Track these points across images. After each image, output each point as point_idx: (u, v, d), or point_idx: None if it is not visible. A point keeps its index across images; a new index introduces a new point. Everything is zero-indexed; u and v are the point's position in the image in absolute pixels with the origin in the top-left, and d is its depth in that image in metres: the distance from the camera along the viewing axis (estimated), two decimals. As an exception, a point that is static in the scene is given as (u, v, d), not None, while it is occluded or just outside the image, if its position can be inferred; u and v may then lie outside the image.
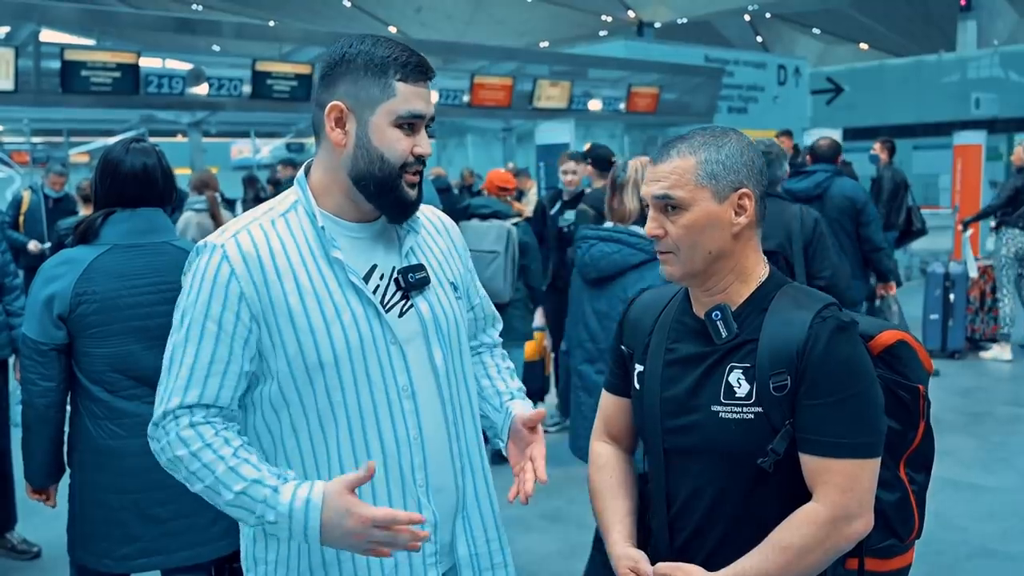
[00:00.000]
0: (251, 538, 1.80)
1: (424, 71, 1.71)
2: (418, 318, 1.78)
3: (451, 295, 1.86)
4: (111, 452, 2.69)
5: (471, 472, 1.86)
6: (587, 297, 3.41)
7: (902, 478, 1.78)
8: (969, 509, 4.96)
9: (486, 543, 1.88)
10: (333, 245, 1.72)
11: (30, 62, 11.69)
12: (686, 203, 1.70)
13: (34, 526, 4.63)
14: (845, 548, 1.67)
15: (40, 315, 2.66)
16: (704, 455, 1.72)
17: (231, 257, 1.67)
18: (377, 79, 1.68)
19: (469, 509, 1.85)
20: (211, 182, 7.02)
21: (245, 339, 1.68)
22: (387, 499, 1.72)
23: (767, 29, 36.82)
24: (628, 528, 1.85)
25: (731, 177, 1.70)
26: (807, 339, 1.63)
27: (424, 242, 1.87)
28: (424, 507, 1.75)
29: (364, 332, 1.70)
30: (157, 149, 2.86)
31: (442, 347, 1.80)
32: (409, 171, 1.72)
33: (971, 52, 25.87)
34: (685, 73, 19.40)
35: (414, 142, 1.72)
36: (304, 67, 13.86)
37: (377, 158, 1.69)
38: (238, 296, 1.67)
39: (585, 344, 3.44)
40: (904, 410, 1.75)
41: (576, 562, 4.40)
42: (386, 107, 1.68)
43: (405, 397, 1.74)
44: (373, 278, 1.75)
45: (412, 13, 32.51)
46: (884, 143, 9.40)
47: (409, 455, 1.74)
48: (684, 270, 1.74)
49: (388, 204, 1.74)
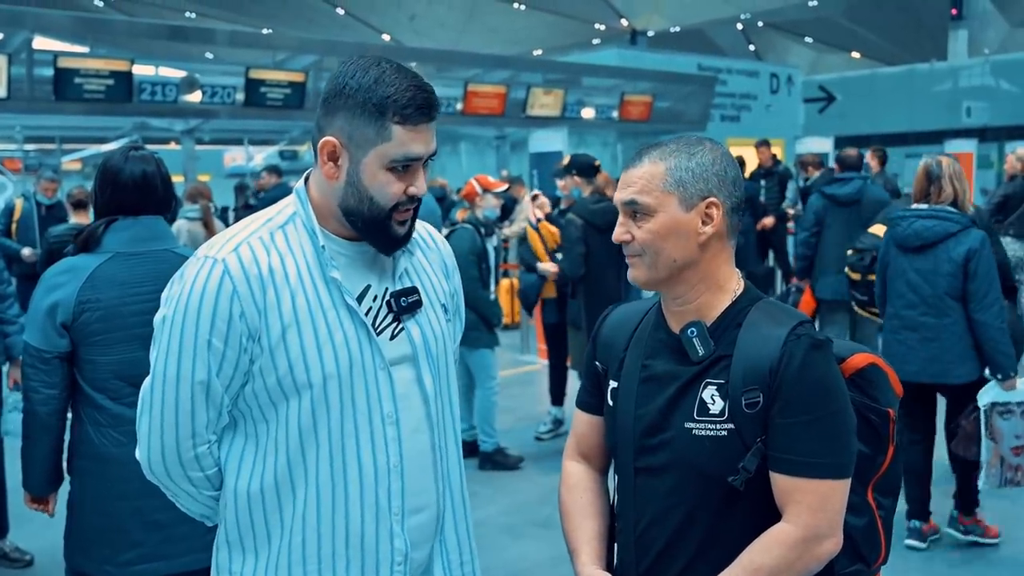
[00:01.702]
0: (225, 547, 1.77)
1: (425, 112, 1.65)
2: (409, 342, 1.77)
3: (441, 317, 1.85)
4: (113, 459, 2.68)
5: (450, 494, 1.85)
6: (907, 261, 4.47)
7: (870, 503, 1.76)
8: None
9: (460, 565, 1.87)
10: (332, 265, 1.70)
11: (23, 69, 11.66)
12: (651, 209, 1.68)
13: (26, 534, 4.62)
14: (815, 569, 1.65)
15: (43, 323, 2.66)
16: (675, 474, 1.69)
17: (233, 273, 1.65)
18: (373, 120, 1.62)
19: (446, 532, 1.85)
20: (205, 191, 7.06)
21: (237, 356, 1.66)
22: (359, 525, 1.71)
23: (760, 38, 36.92)
24: (596, 550, 1.83)
25: (699, 185, 1.68)
26: (781, 357, 1.61)
27: (418, 264, 1.85)
28: (396, 536, 1.73)
29: (354, 354, 1.69)
30: (156, 157, 2.87)
31: (431, 370, 1.79)
32: (400, 210, 1.69)
33: (962, 61, 25.95)
34: (678, 81, 19.42)
35: (408, 183, 1.67)
36: (298, 75, 13.84)
37: (367, 199, 1.66)
38: (239, 315, 1.64)
39: (906, 295, 4.47)
40: (874, 434, 1.73)
41: (567, 569, 4.41)
42: (380, 150, 1.64)
43: (389, 424, 1.72)
44: (366, 299, 1.74)
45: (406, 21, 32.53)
46: (875, 152, 9.45)
47: (387, 483, 1.72)
48: (649, 276, 1.72)
49: (376, 240, 1.72)
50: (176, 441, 1.71)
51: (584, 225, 5.91)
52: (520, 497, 5.47)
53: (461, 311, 2.01)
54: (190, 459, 1.72)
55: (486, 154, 19.58)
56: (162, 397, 1.70)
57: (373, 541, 1.71)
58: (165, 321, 1.69)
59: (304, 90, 13.72)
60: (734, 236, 1.75)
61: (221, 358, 1.65)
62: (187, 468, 1.74)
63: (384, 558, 1.72)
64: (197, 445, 1.72)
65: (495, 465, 5.94)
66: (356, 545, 1.71)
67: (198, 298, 1.65)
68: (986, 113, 22.93)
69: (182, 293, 1.67)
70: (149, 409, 1.72)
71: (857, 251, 5.60)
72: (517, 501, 5.35)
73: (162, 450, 1.72)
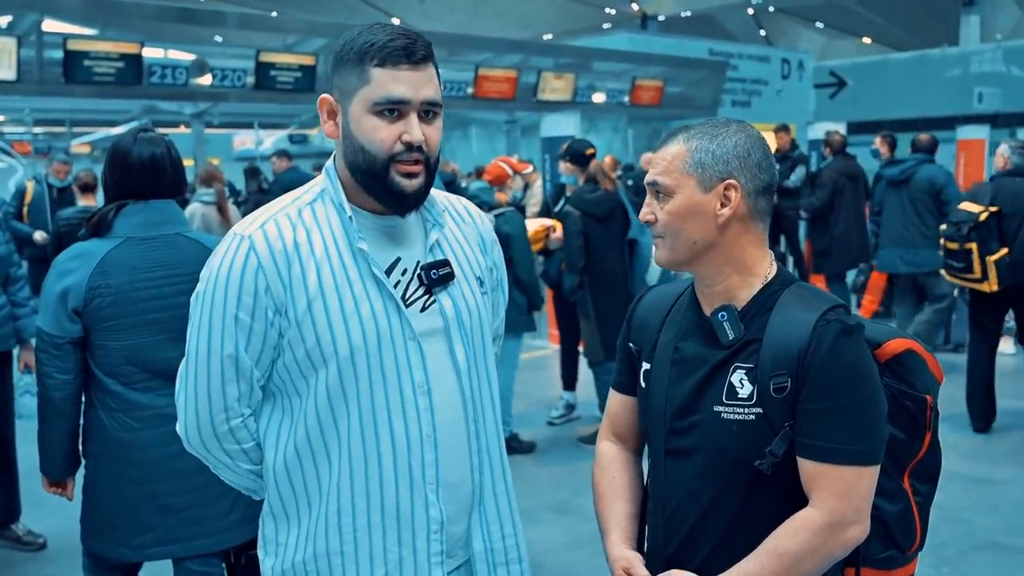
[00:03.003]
0: (270, 519, 1.81)
1: (407, 53, 1.63)
2: (440, 314, 1.76)
3: (476, 290, 1.83)
4: (126, 444, 2.69)
5: (489, 468, 1.84)
6: None
7: (905, 489, 1.74)
8: (973, 502, 4.97)
9: (502, 539, 1.87)
10: (359, 236, 1.70)
11: (32, 52, 11.64)
12: (671, 190, 1.70)
13: (39, 517, 4.64)
14: (840, 556, 1.65)
15: (55, 309, 2.65)
16: (703, 457, 1.69)
17: (258, 249, 1.67)
18: (355, 67, 1.64)
19: (486, 504, 1.84)
20: (218, 175, 7.06)
21: (264, 330, 1.68)
22: (394, 495, 1.72)
23: (770, 23, 36.73)
24: (627, 530, 1.84)
25: (719, 167, 1.68)
26: (810, 341, 1.60)
27: (451, 236, 1.84)
28: (431, 505, 1.74)
29: (382, 326, 1.69)
30: (167, 139, 2.85)
31: (464, 343, 1.78)
32: (402, 161, 1.66)
33: (974, 46, 25.79)
34: (689, 66, 19.34)
35: (401, 129, 1.65)
36: (308, 58, 13.80)
37: (359, 149, 1.66)
38: (264, 289, 1.66)
39: None
40: (910, 420, 1.71)
41: (583, 553, 4.41)
42: (361, 94, 1.64)
43: (420, 394, 1.72)
44: (395, 272, 1.74)
45: (416, 5, 32.44)
46: (885, 138, 9.37)
47: (420, 452, 1.72)
48: (670, 256, 1.74)
49: (381, 195, 1.69)
50: (210, 415, 1.75)
51: (582, 216, 5.87)
52: (533, 482, 5.47)
53: (503, 286, 2.00)
54: (224, 432, 1.76)
55: (496, 138, 19.52)
56: (196, 371, 1.74)
57: (409, 510, 1.72)
58: (197, 297, 1.74)
59: (314, 73, 13.67)
60: (761, 219, 1.73)
61: (249, 332, 1.68)
62: (223, 441, 1.77)
63: (420, 527, 1.73)
64: (231, 419, 1.75)
65: (509, 451, 5.92)
66: (392, 514, 1.72)
67: (226, 274, 1.68)
68: (998, 99, 22.79)
69: (211, 270, 1.72)
70: (185, 383, 1.77)
71: (953, 224, 5.93)
72: (530, 486, 5.35)
73: (197, 424, 1.77)
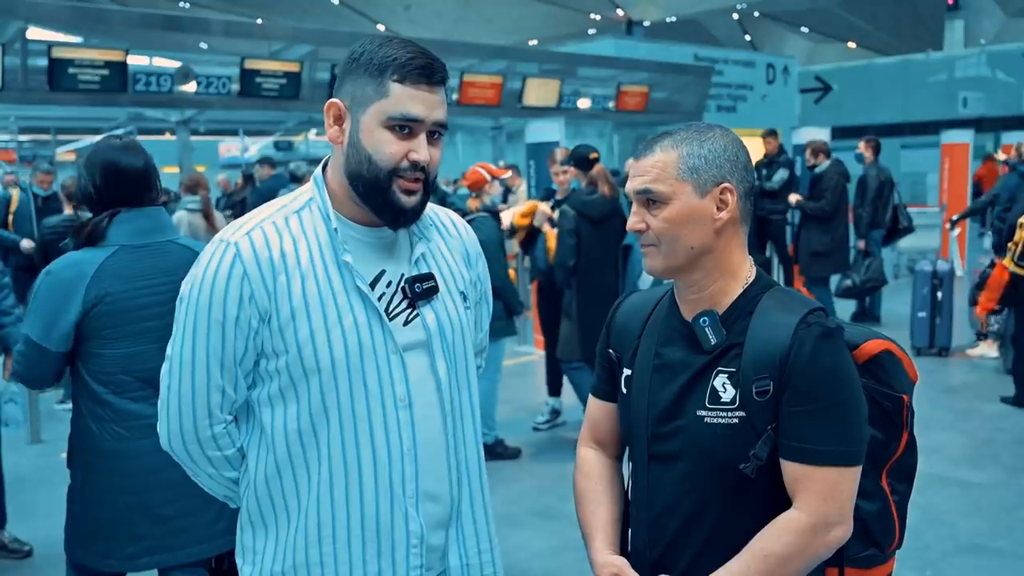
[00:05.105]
0: (248, 527, 1.81)
1: (427, 74, 1.65)
2: (423, 328, 1.77)
3: (459, 305, 1.84)
4: (117, 454, 2.67)
5: (468, 482, 1.85)
6: None
7: (884, 488, 1.76)
8: (956, 505, 5.00)
9: (478, 553, 1.87)
10: (344, 248, 1.71)
11: (17, 59, 11.59)
12: (666, 197, 1.68)
13: (25, 525, 4.61)
14: (825, 556, 1.66)
15: (48, 320, 2.63)
16: (687, 461, 1.70)
17: (244, 256, 1.67)
18: (374, 78, 1.64)
19: (463, 519, 1.84)
20: (203, 182, 7.06)
21: (247, 338, 1.68)
22: (374, 507, 1.72)
23: (756, 28, 36.89)
24: (610, 536, 1.84)
25: (713, 171, 1.68)
26: (791, 345, 1.61)
27: (436, 250, 1.85)
28: (411, 519, 1.74)
29: (364, 339, 1.69)
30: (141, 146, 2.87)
31: (446, 357, 1.79)
32: (404, 177, 1.67)
33: (958, 51, 25.98)
34: (674, 72, 19.39)
35: (409, 147, 1.67)
36: (293, 65, 13.78)
37: (365, 159, 1.66)
38: (249, 297, 1.67)
39: None
40: (887, 420, 1.74)
41: (568, 559, 4.42)
42: (377, 106, 1.65)
43: (401, 408, 1.73)
44: (379, 285, 1.74)
45: (401, 11, 32.46)
46: (869, 142, 9.43)
47: (400, 466, 1.73)
48: (665, 264, 1.73)
49: (379, 208, 1.69)
50: (193, 420, 1.75)
51: (576, 216, 5.90)
52: (519, 487, 5.48)
53: (488, 298, 2.01)
54: (207, 438, 1.76)
55: (482, 144, 19.55)
56: (179, 376, 1.74)
57: (388, 523, 1.73)
58: (181, 302, 1.74)
59: (299, 80, 13.67)
60: (747, 221, 1.75)
61: (233, 339, 1.69)
62: (205, 447, 1.77)
63: (399, 540, 1.74)
64: (213, 424, 1.75)
65: (495, 457, 5.95)
66: (371, 527, 1.72)
67: (211, 280, 1.68)
68: (982, 104, 22.97)
69: (196, 275, 1.72)
70: (167, 388, 1.76)
71: None
72: (516, 491, 5.36)
73: (180, 429, 1.76)
